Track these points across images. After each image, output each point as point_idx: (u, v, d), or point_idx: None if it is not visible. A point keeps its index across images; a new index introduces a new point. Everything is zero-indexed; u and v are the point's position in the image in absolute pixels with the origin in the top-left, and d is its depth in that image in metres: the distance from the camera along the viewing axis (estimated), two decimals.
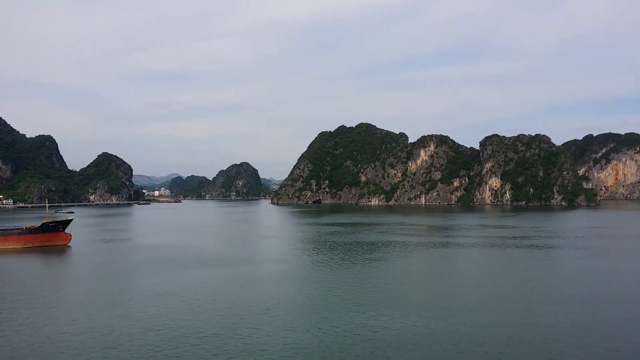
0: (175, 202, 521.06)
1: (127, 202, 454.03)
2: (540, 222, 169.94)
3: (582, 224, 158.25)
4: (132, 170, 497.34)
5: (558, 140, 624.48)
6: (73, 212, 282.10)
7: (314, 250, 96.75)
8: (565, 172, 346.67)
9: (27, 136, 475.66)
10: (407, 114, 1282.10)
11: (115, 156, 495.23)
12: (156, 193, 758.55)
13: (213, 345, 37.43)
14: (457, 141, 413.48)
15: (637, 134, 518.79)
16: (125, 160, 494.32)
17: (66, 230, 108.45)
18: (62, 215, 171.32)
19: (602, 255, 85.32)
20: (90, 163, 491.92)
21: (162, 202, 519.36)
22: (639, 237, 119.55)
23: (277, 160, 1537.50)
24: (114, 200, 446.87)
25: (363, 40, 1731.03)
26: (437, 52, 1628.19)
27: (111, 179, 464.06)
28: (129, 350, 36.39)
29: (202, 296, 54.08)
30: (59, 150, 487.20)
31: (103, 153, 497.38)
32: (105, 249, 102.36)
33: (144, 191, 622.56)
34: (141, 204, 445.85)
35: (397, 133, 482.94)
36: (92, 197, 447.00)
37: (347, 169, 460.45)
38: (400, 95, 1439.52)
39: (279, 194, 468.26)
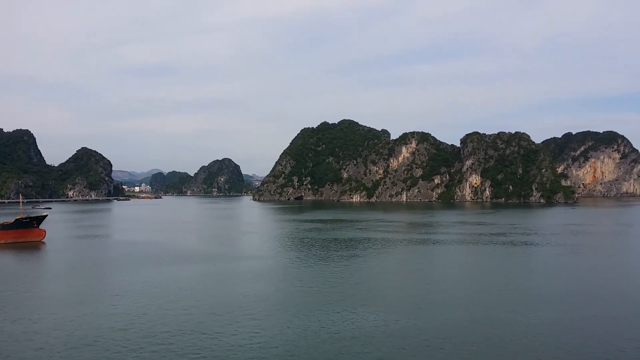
0: (156, 198, 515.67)
1: (106, 198, 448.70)
2: (517, 219, 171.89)
3: (557, 221, 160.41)
4: (111, 165, 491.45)
5: (539, 137, 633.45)
6: (50, 208, 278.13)
7: (290, 247, 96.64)
8: (544, 170, 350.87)
9: (5, 130, 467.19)
10: (392, 111, 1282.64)
11: (95, 151, 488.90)
12: (137, 189, 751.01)
13: (178, 345, 37.03)
14: (441, 138, 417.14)
15: (615, 132, 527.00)
16: (107, 156, 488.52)
17: (40, 227, 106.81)
18: (39, 211, 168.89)
19: (573, 253, 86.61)
20: (69, 158, 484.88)
21: (142, 198, 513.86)
22: (610, 234, 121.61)
23: (262, 156, 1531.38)
24: (93, 196, 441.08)
25: (350, 36, 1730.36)
26: (423, 49, 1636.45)
27: (90, 174, 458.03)
28: (93, 350, 35.85)
29: (173, 294, 53.61)
30: (37, 145, 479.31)
31: (82, 148, 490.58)
32: (79, 245, 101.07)
33: (124, 187, 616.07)
34: (121, 200, 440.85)
35: (380, 130, 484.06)
36: (70, 193, 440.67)
37: (330, 165, 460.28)
38: (386, 91, 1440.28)
39: (261, 190, 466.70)
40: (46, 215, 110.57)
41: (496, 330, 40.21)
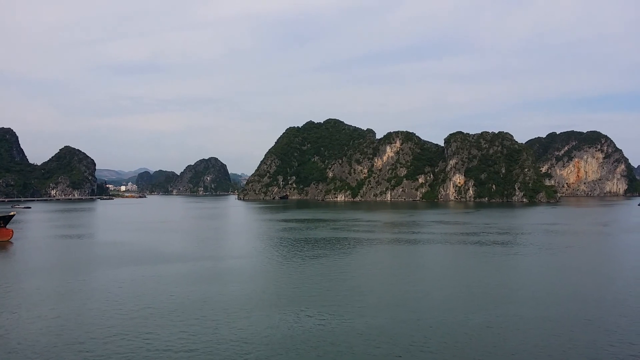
0: (140, 197, 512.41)
1: (89, 197, 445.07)
2: (495, 218, 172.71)
3: (533, 221, 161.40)
4: (95, 164, 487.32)
5: (524, 137, 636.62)
6: (29, 207, 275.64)
7: (260, 246, 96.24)
8: (526, 169, 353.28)
9: None
10: (378, 110, 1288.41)
11: (78, 150, 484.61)
12: (123, 188, 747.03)
13: (112, 349, 36.57)
14: (427, 138, 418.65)
15: (599, 132, 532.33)
16: (93, 154, 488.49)
17: (8, 226, 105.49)
18: (12, 210, 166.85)
19: (538, 252, 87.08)
20: (52, 157, 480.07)
21: (127, 197, 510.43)
22: (581, 233, 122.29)
23: (249, 155, 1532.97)
24: (76, 195, 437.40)
25: (337, 35, 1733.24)
26: (410, 48, 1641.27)
27: (73, 173, 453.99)
28: (25, 357, 35.30)
29: (127, 295, 53.05)
30: (19, 143, 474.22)
31: (65, 147, 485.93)
32: (48, 245, 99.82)
33: (108, 186, 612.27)
34: (104, 199, 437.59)
35: (365, 129, 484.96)
36: (53, 192, 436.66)
37: (315, 164, 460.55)
38: (372, 90, 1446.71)
39: (246, 189, 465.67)
40: (13, 215, 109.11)
41: (446, 331, 40.16)
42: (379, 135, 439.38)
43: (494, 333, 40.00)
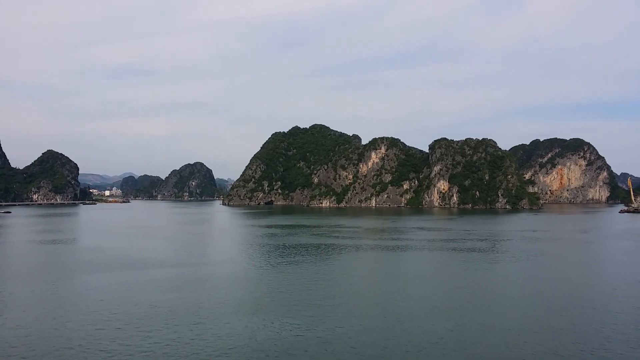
0: (123, 202, 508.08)
1: (72, 202, 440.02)
2: (475, 225, 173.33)
3: (513, 228, 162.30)
4: (78, 168, 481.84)
5: (509, 144, 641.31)
6: (10, 212, 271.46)
7: (243, 253, 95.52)
8: (509, 176, 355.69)
9: None
10: (364, 116, 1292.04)
11: (61, 154, 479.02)
12: (107, 193, 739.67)
13: (86, 357, 35.80)
14: (415, 145, 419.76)
15: (582, 139, 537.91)
16: (78, 158, 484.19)
17: None
18: None
19: (513, 260, 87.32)
20: (34, 161, 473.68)
21: (110, 202, 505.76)
22: (559, 240, 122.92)
23: (236, 160, 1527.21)
24: (58, 200, 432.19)
25: (325, 41, 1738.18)
26: (397, 55, 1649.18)
27: (56, 177, 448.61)
28: None
29: (88, 302, 52.16)
30: (1, 147, 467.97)
31: (48, 150, 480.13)
32: (11, 251, 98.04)
33: (92, 191, 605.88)
34: (87, 204, 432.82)
35: (351, 135, 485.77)
36: (35, 197, 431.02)
37: (300, 170, 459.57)
38: (360, 96, 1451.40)
39: (230, 194, 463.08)
40: None
41: (406, 337, 39.90)
42: (364, 141, 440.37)
43: (459, 340, 39.82)
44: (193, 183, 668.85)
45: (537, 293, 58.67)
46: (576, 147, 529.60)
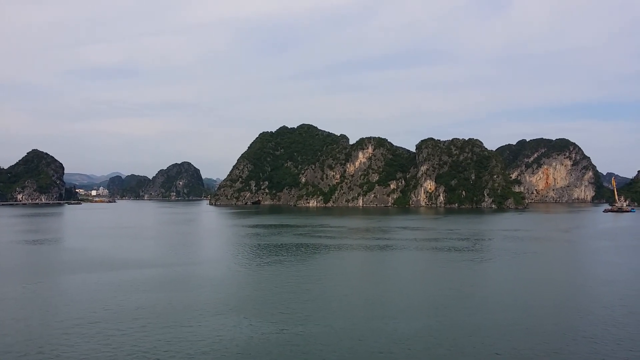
0: (109, 202, 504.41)
1: (57, 201, 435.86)
2: (459, 225, 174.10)
3: (496, 227, 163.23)
4: (63, 168, 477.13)
5: (496, 144, 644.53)
6: None
7: (224, 253, 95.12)
8: (495, 176, 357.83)
9: None
10: (353, 117, 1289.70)
11: (46, 154, 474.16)
12: (94, 192, 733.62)
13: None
14: (402, 145, 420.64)
15: (567, 139, 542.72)
16: (65, 158, 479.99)
17: None
18: None
19: (491, 259, 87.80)
20: (19, 160, 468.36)
21: (96, 202, 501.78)
22: (540, 240, 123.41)
23: (225, 160, 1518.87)
24: (43, 200, 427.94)
25: (313, 42, 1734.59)
26: (386, 56, 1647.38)
27: (41, 177, 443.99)
28: None
29: (66, 303, 51.63)
30: None
31: (33, 150, 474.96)
32: (6, 250, 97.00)
33: (78, 190, 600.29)
34: (72, 203, 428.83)
35: (339, 135, 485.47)
36: (19, 197, 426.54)
37: (288, 170, 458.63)
38: (348, 97, 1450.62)
39: (217, 194, 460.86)
40: None
41: (369, 338, 39.88)
42: (352, 142, 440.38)
43: (426, 341, 39.87)
44: (180, 183, 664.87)
45: (510, 292, 59.04)
46: (562, 147, 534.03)
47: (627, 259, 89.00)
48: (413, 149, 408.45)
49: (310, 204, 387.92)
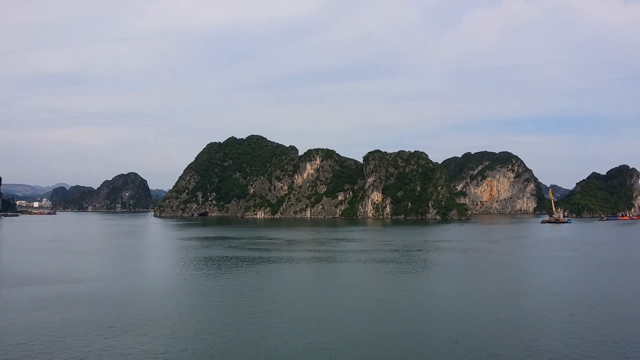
0: (49, 214, 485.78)
1: None
2: (396, 236, 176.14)
3: (430, 238, 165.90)
4: (0, 178, 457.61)
5: (444, 156, 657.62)
6: None
7: (142, 266, 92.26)
8: (439, 188, 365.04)
9: None
10: (307, 128, 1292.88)
11: None
12: (36, 204, 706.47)
13: None
14: (355, 157, 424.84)
15: (510, 152, 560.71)
16: (7, 168, 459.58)
17: None
18: None
19: (412, 271, 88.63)
20: None
21: (35, 214, 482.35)
22: (468, 250, 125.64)
23: (176, 171, 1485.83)
24: None
25: (268, 53, 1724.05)
26: (340, 69, 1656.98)
27: None
28: None
29: None
30: None
31: None
32: None
33: (19, 202, 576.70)
34: (9, 215, 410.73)
35: (288, 146, 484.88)
36: None
37: (236, 181, 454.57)
38: (302, 109, 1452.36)
39: (162, 206, 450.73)
40: None
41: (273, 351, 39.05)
42: (301, 153, 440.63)
43: (330, 355, 39.42)
44: (126, 194, 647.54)
45: (431, 302, 59.40)
46: (505, 160, 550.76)
47: (548, 269, 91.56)
48: (359, 160, 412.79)
49: (258, 216, 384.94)
